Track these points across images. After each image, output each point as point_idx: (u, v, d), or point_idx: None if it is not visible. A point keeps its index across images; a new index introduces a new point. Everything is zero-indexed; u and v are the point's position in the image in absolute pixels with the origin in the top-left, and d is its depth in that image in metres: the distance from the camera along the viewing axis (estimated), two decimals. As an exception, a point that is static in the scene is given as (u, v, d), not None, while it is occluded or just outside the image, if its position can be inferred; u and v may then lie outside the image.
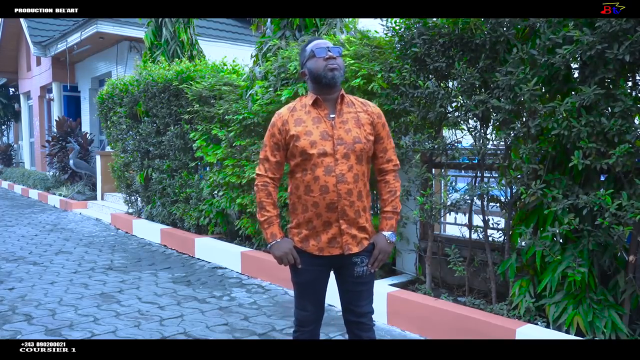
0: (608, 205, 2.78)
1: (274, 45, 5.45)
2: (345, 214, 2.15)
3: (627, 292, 3.04)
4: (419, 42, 3.59)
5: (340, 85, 2.22)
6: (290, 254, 2.21)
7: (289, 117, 2.21)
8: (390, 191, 2.30)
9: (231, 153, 5.72)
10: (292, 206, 2.25)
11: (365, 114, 2.24)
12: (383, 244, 2.25)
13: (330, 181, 2.11)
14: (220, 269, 5.60)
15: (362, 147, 2.16)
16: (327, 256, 2.20)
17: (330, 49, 2.18)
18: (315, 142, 2.13)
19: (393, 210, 2.29)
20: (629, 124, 2.76)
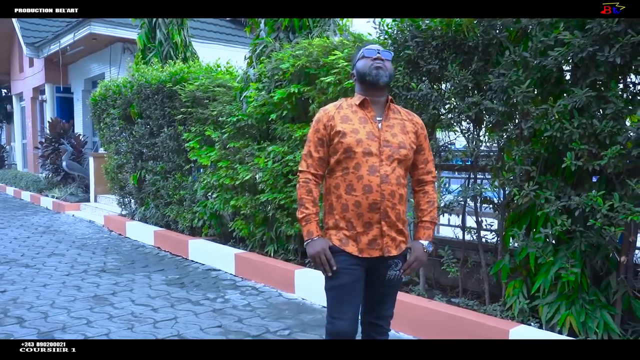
0: (600, 207, 2.80)
1: (268, 47, 5.45)
2: (387, 216, 2.12)
3: (619, 292, 3.06)
4: (412, 45, 3.60)
5: (386, 88, 2.21)
6: (323, 253, 2.11)
7: (335, 113, 2.18)
8: (429, 201, 2.28)
9: (225, 155, 5.71)
10: (330, 206, 2.20)
11: (411, 123, 2.24)
12: (420, 252, 2.23)
13: (374, 181, 2.08)
14: (214, 271, 5.58)
15: (406, 153, 2.16)
16: (367, 258, 2.15)
17: (380, 51, 2.18)
18: (361, 141, 2.10)
19: (432, 220, 2.28)
20: (620, 125, 2.78)
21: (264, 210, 5.23)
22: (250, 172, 5.22)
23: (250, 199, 5.42)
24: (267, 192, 5.08)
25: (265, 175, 5.02)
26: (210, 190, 6.14)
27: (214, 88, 5.96)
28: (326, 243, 2.15)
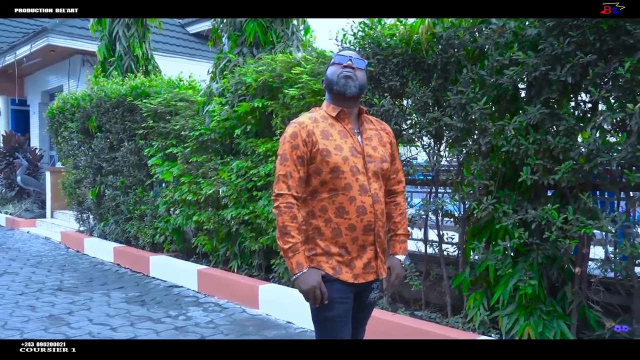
0: (555, 220, 2.90)
1: (231, 62, 5.45)
2: (379, 236, 2.01)
3: (574, 302, 3.15)
4: (373, 62, 3.67)
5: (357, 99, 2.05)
6: (319, 287, 1.91)
7: (314, 127, 1.98)
8: (402, 213, 2.18)
9: (187, 170, 5.64)
10: (316, 231, 1.98)
11: (384, 133, 2.12)
12: (399, 268, 2.12)
13: (367, 201, 1.94)
14: (176, 288, 5.48)
15: (387, 166, 2.06)
16: (361, 283, 2.01)
17: (352, 58, 2.01)
18: (347, 158, 1.94)
19: (405, 232, 2.18)
20: (573, 141, 2.89)
21: (228, 225, 5.18)
22: (214, 187, 5.17)
23: (213, 214, 5.36)
24: (231, 207, 5.04)
25: (228, 190, 4.98)
26: (173, 205, 6.05)
27: (176, 102, 5.91)
28: (319, 274, 1.94)
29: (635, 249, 2.78)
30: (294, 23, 5.68)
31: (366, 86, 2.09)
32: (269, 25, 5.50)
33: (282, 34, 5.52)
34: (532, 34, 2.96)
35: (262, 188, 4.81)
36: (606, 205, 3.44)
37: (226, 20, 5.68)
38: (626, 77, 2.62)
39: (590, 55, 2.71)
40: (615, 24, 2.66)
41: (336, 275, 1.97)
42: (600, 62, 2.74)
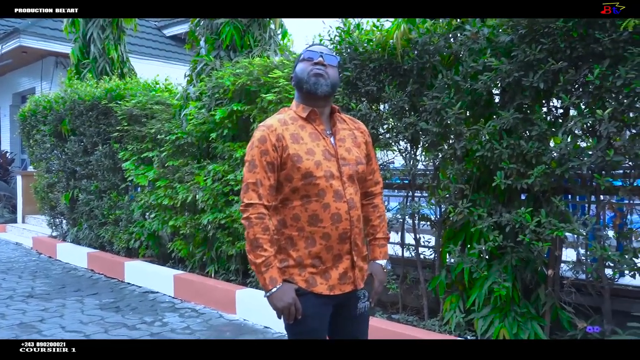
0: (528, 223, 2.95)
1: (208, 65, 5.42)
2: (356, 244, 1.90)
3: (548, 304, 3.21)
4: (350, 67, 3.69)
5: (329, 98, 1.92)
6: (294, 304, 1.81)
7: (284, 131, 1.85)
8: (380, 216, 2.08)
9: (163, 174, 5.58)
10: (287, 241, 1.88)
11: (358, 132, 2.00)
12: (382, 274, 2.03)
13: (342, 208, 1.83)
14: (151, 294, 5.41)
15: (363, 168, 1.94)
16: (338, 295, 1.89)
17: (323, 54, 1.88)
18: (320, 163, 1.82)
19: (385, 235, 2.08)
20: (545, 146, 2.95)
21: (204, 230, 5.14)
22: (190, 192, 5.13)
23: (189, 218, 5.32)
24: (208, 212, 5.00)
25: (205, 195, 4.95)
26: (148, 210, 5.98)
27: (152, 105, 5.84)
28: (293, 290, 1.83)
29: (605, 251, 2.84)
30: (272, 27, 5.68)
31: (338, 84, 1.95)
32: (246, 29, 5.49)
33: (259, 38, 5.51)
34: (505, 40, 3.01)
35: (239, 192, 4.78)
36: (577, 208, 3.51)
37: (203, 23, 5.65)
38: (595, 83, 2.68)
39: (561, 62, 2.78)
40: (584, 32, 2.72)
41: (309, 288, 1.86)
42: (570, 69, 2.81)
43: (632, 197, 3.03)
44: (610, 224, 3.32)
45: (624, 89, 2.63)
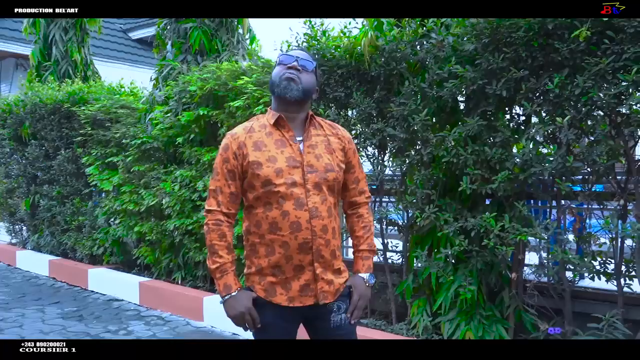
0: (493, 227, 3.01)
1: (175, 69, 5.36)
2: (320, 256, 1.82)
3: (511, 307, 3.28)
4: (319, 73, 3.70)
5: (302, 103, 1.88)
6: (248, 313, 1.80)
7: (246, 138, 1.84)
8: (365, 226, 1.99)
9: (129, 179, 5.49)
10: (251, 248, 1.87)
11: (336, 138, 1.92)
12: (362, 288, 1.93)
13: (302, 216, 1.77)
14: (116, 301, 5.29)
15: (335, 176, 1.86)
16: (299, 307, 1.84)
17: (298, 59, 1.85)
18: (281, 170, 1.79)
19: (370, 247, 1.98)
20: (508, 152, 3.03)
21: (171, 235, 5.06)
22: (156, 197, 5.05)
23: (156, 224, 5.23)
24: (174, 218, 4.94)
25: (172, 201, 4.88)
26: (113, 215, 5.86)
27: (116, 109, 5.73)
28: (249, 298, 1.83)
29: (565, 254, 2.92)
30: (240, 31, 5.65)
31: (313, 90, 1.90)
32: (214, 33, 5.45)
33: (227, 42, 5.48)
34: (469, 49, 3.08)
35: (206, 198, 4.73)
36: (539, 213, 3.61)
37: (170, 27, 5.59)
38: (555, 92, 2.77)
39: (522, 70, 2.86)
40: (544, 42, 2.81)
41: (268, 298, 1.83)
42: (532, 77, 2.89)
43: (590, 202, 3.13)
44: (571, 228, 3.42)
45: (582, 98, 2.72)
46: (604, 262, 3.04)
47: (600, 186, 3.28)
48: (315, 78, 1.92)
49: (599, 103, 2.69)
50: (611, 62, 2.60)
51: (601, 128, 2.76)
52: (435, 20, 3.25)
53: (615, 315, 2.79)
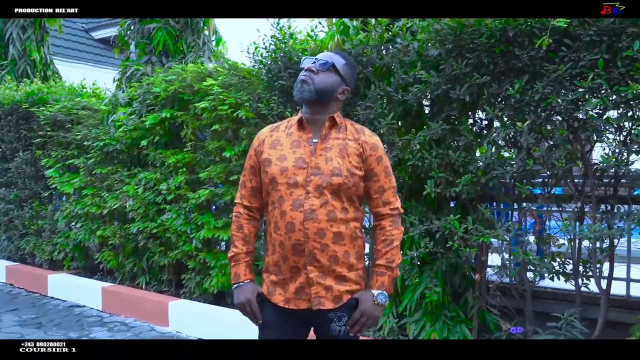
0: (457, 230, 3.07)
1: (139, 70, 5.26)
2: (314, 259, 1.79)
3: (475, 307, 3.35)
4: (285, 75, 3.70)
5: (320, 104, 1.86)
6: (248, 304, 1.85)
7: (267, 137, 1.91)
8: (385, 240, 1.87)
9: (91, 181, 5.36)
10: (266, 245, 1.93)
11: (355, 143, 1.86)
12: (368, 304, 1.82)
13: (297, 218, 1.77)
14: (77, 308, 5.15)
15: (341, 181, 1.79)
16: (295, 310, 1.83)
17: (317, 60, 1.86)
18: (286, 170, 1.80)
19: (387, 263, 1.86)
20: (471, 156, 3.09)
21: (135, 239, 4.97)
22: (119, 200, 4.95)
23: (119, 228, 5.12)
24: (138, 221, 4.84)
25: (136, 204, 4.78)
26: (74, 219, 5.72)
27: (78, 111, 5.59)
28: (253, 291, 1.89)
29: (526, 255, 3.01)
30: (206, 33, 5.60)
31: (331, 89, 1.86)
32: (179, 34, 5.38)
33: (193, 44, 5.42)
34: (433, 54, 3.13)
35: (171, 201, 4.67)
36: (501, 215, 3.70)
37: (134, 27, 5.49)
38: (516, 97, 2.84)
39: (485, 76, 2.92)
40: (505, 48, 2.88)
41: (269, 296, 1.87)
42: (494, 83, 2.96)
43: (549, 204, 3.22)
44: (531, 230, 3.52)
45: (541, 103, 2.80)
46: (562, 262, 3.13)
47: (559, 189, 3.39)
48: (336, 76, 1.88)
49: (557, 108, 2.77)
50: (568, 69, 2.69)
51: (559, 133, 2.85)
52: (400, 25, 3.29)
53: (573, 314, 2.89)
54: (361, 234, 1.91)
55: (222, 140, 4.34)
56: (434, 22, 3.02)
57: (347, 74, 1.93)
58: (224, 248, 4.77)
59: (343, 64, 1.92)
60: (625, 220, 2.97)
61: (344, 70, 1.91)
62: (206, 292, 4.50)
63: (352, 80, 1.98)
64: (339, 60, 1.92)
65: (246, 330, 3.90)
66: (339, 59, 1.93)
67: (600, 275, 2.99)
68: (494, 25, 2.83)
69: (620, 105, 2.72)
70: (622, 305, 3.21)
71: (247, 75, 4.22)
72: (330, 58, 1.90)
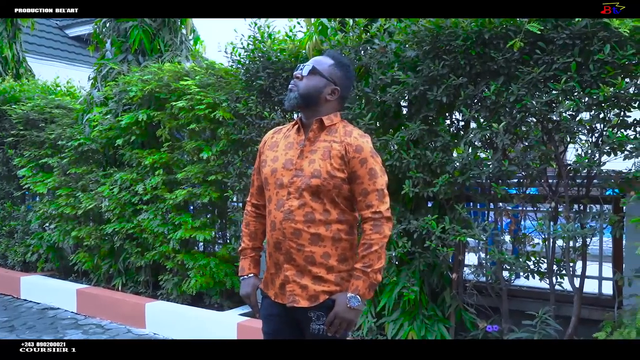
0: (434, 229, 3.09)
1: (114, 69, 5.18)
2: (291, 258, 1.85)
3: (452, 306, 3.38)
4: (263, 75, 3.69)
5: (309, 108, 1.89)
6: (247, 297, 1.99)
7: (269, 138, 2.01)
8: (364, 244, 1.84)
9: (65, 181, 5.28)
10: None
11: (340, 145, 1.85)
12: (340, 307, 1.82)
13: (278, 217, 1.85)
14: (51, 310, 5.06)
15: (319, 182, 1.81)
16: (282, 305, 1.90)
17: (302, 66, 1.90)
18: (276, 171, 1.89)
19: (363, 267, 1.82)
20: (448, 156, 3.12)
21: (111, 240, 4.89)
22: (95, 201, 4.87)
23: (94, 229, 5.05)
24: (114, 222, 4.77)
25: (111, 204, 4.72)
26: (48, 220, 5.61)
27: (51, 109, 5.49)
28: (254, 285, 2.00)
29: (502, 255, 3.05)
30: (183, 32, 5.54)
31: (314, 92, 1.87)
32: (156, 33, 5.32)
33: (170, 43, 5.36)
34: (411, 55, 3.15)
35: (148, 202, 4.61)
36: (478, 215, 3.74)
37: (109, 25, 5.40)
38: (492, 99, 2.88)
39: (461, 77, 2.95)
40: (482, 51, 2.91)
41: (265, 290, 1.99)
42: (470, 84, 2.99)
43: (525, 204, 3.27)
44: (507, 230, 3.57)
45: (516, 105, 2.84)
46: (537, 261, 3.19)
47: (534, 189, 3.44)
48: (320, 78, 1.88)
49: (532, 110, 2.81)
50: (542, 72, 2.74)
51: (534, 134, 2.90)
52: (378, 26, 3.30)
53: (547, 312, 2.94)
54: (347, 236, 1.90)
55: (200, 141, 4.30)
56: (412, 24, 3.05)
57: (334, 74, 1.91)
58: (202, 249, 4.74)
59: (329, 65, 1.91)
60: (597, 219, 3.04)
61: (329, 71, 1.90)
62: (184, 294, 4.46)
63: (344, 79, 1.95)
64: (323, 62, 1.92)
65: (224, 331, 3.90)
66: (323, 60, 1.93)
67: (573, 274, 3.05)
68: (470, 28, 2.86)
69: (592, 107, 2.78)
70: (594, 303, 3.28)
71: (225, 75, 4.19)
72: (312, 61, 1.92)
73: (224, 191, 4.24)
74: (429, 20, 2.95)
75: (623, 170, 2.86)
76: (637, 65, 2.62)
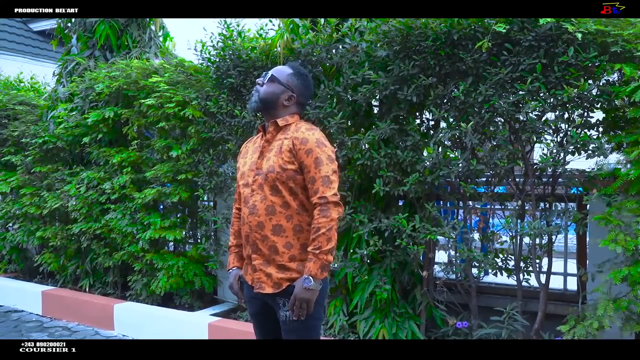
0: (405, 228, 3.12)
1: (81, 65, 5.06)
2: (257, 249, 2.05)
3: (423, 304, 3.43)
4: (234, 73, 3.65)
5: (268, 112, 2.11)
6: (231, 287, 2.23)
7: (243, 147, 2.25)
8: (313, 228, 1.96)
9: (29, 180, 5.13)
10: None
11: (289, 140, 2.02)
12: (297, 289, 1.96)
13: (245, 212, 2.08)
14: (15, 313, 4.92)
15: (274, 176, 2.00)
16: (261, 292, 2.08)
17: (264, 74, 2.13)
18: (244, 173, 2.13)
19: (312, 250, 1.95)
20: (419, 156, 3.15)
21: (77, 241, 4.78)
22: (61, 200, 4.75)
23: (60, 229, 4.92)
24: (81, 222, 4.67)
25: (78, 204, 4.61)
26: (11, 220, 5.46)
27: (14, 106, 5.34)
28: (236, 276, 2.21)
29: (471, 252, 3.10)
30: (152, 28, 5.44)
31: (271, 98, 2.09)
32: (124, 29, 5.21)
33: (138, 39, 5.26)
34: (382, 55, 3.17)
35: (116, 201, 4.52)
36: (448, 213, 3.79)
37: (75, 20, 5.26)
38: (461, 99, 2.92)
39: (431, 77, 2.98)
40: (450, 51, 2.95)
41: (245, 277, 2.17)
42: (440, 84, 3.03)
43: (493, 202, 3.33)
44: (476, 228, 3.63)
45: (484, 105, 2.89)
46: (505, 259, 3.25)
47: (502, 188, 3.51)
48: (279, 85, 2.10)
49: (499, 110, 2.86)
50: (509, 73, 2.79)
51: (502, 134, 2.95)
52: (349, 25, 3.31)
53: (515, 308, 3.00)
54: (309, 227, 2.01)
55: (170, 139, 4.24)
56: (382, 24, 3.06)
57: (291, 83, 2.13)
58: (172, 249, 4.67)
59: (287, 74, 2.14)
60: (562, 217, 3.12)
61: (287, 80, 2.13)
62: (154, 294, 4.39)
63: (301, 87, 2.16)
64: (283, 71, 2.15)
65: (194, 331, 3.86)
66: (283, 69, 2.16)
67: (539, 271, 3.12)
68: (439, 28, 2.89)
69: (557, 108, 2.84)
70: (560, 299, 3.36)
71: (195, 72, 4.14)
72: (273, 70, 2.14)
73: (194, 190, 4.19)
74: (399, 21, 2.97)
75: (586, 169, 2.95)
76: (599, 68, 2.69)
